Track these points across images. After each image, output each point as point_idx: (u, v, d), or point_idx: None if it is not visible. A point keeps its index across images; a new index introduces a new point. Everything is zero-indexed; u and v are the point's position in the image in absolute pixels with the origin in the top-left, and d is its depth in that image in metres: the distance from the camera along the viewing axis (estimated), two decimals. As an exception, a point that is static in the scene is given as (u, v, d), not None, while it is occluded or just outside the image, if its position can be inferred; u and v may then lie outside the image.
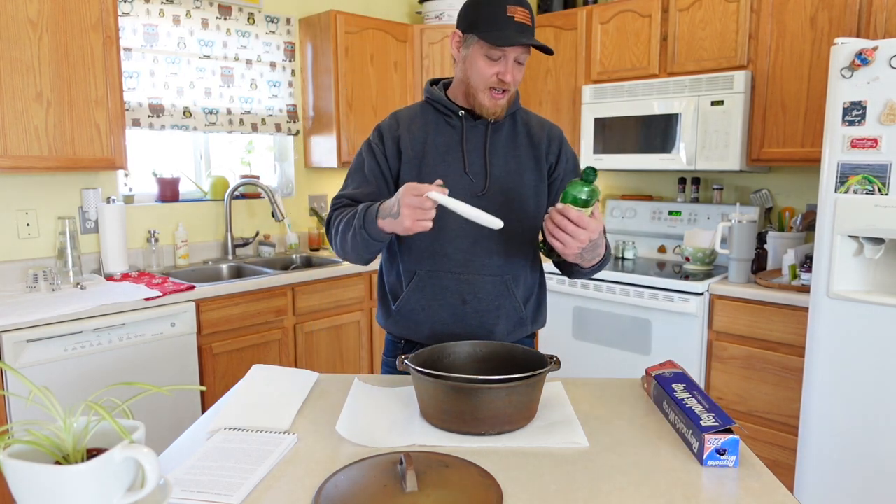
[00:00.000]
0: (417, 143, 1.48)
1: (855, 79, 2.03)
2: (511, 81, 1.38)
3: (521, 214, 1.46)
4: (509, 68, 1.38)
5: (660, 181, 3.44)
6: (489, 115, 1.43)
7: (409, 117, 1.51)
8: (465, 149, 1.47)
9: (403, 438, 1.07)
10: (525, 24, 1.35)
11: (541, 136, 1.51)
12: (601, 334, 2.93)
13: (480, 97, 1.41)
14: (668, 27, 2.93)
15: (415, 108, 1.54)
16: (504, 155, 1.48)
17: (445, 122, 1.49)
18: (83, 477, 0.68)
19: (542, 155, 1.50)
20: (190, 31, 2.93)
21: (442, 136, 1.48)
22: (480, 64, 1.38)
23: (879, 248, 2.05)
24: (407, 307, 1.49)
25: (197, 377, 2.45)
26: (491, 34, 1.34)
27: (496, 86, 1.39)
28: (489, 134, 1.47)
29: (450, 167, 1.45)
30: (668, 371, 1.26)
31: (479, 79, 1.39)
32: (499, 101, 1.42)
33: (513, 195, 1.46)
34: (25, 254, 2.56)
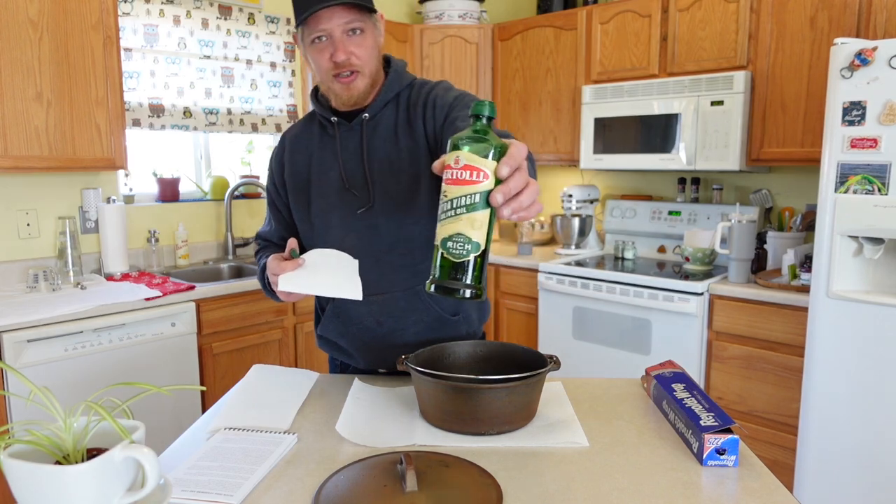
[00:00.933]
0: (302, 165, 1.36)
1: (855, 79, 2.03)
2: (347, 57, 1.21)
3: (418, 214, 1.29)
4: (339, 44, 1.20)
5: (660, 181, 3.45)
6: (349, 104, 1.27)
7: (295, 137, 1.40)
8: (342, 161, 1.31)
9: (403, 438, 1.07)
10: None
11: (416, 108, 1.30)
12: (601, 334, 2.93)
13: (333, 88, 1.26)
14: (667, 27, 2.93)
15: (300, 124, 1.42)
16: (387, 154, 1.30)
17: (326, 133, 1.36)
18: (83, 477, 0.68)
19: (419, 132, 1.29)
20: (190, 32, 2.93)
21: (324, 151, 1.35)
22: (313, 54, 1.24)
23: (879, 248, 2.05)
24: (327, 334, 1.43)
25: (197, 377, 2.45)
26: (298, 17, 1.21)
27: (336, 70, 1.23)
28: (366, 135, 1.31)
29: (332, 185, 1.32)
30: (668, 371, 1.26)
31: (319, 70, 1.26)
32: (351, 84, 1.24)
33: (404, 197, 1.28)
34: (26, 254, 2.56)
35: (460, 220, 0.79)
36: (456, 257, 0.80)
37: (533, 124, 3.49)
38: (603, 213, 3.58)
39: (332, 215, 1.33)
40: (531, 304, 3.21)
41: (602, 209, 3.63)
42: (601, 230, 3.60)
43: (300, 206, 1.38)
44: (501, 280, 3.34)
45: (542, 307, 3.12)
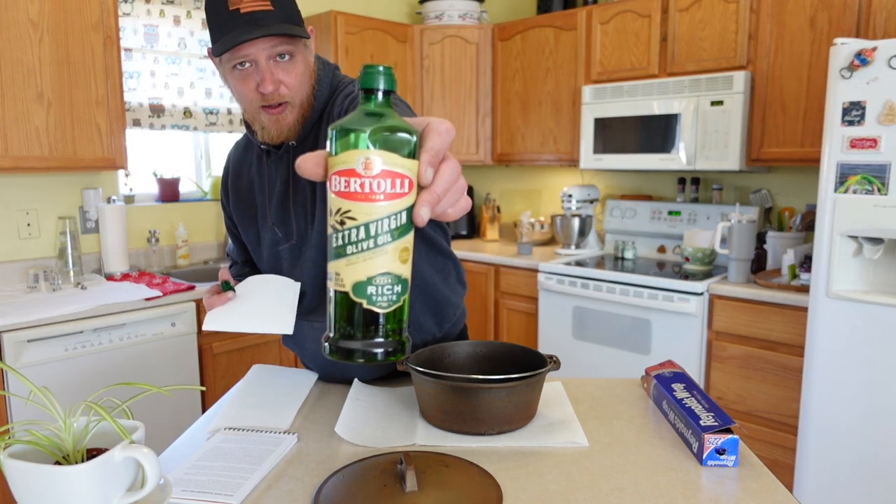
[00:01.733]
0: (245, 188, 1.27)
1: (854, 79, 2.03)
2: (276, 88, 1.07)
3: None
4: (266, 73, 1.06)
5: (659, 181, 3.45)
6: (277, 138, 1.13)
7: (237, 161, 1.30)
8: (268, 194, 1.21)
9: (403, 438, 1.08)
10: (258, 13, 1.03)
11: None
12: (601, 334, 2.93)
13: (260, 120, 1.12)
14: (667, 27, 2.93)
15: (242, 145, 1.31)
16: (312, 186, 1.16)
17: (261, 160, 1.24)
18: (83, 477, 0.69)
19: None
20: (190, 32, 2.93)
21: (254, 181, 1.26)
22: (235, 83, 1.09)
23: (878, 248, 2.05)
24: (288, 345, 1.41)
25: (197, 377, 2.45)
26: (217, 43, 1.05)
27: (264, 102, 1.09)
28: (290, 165, 1.18)
29: (257, 218, 1.26)
30: (668, 371, 1.26)
31: (242, 100, 1.11)
32: (280, 116, 1.10)
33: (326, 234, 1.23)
34: (26, 254, 2.56)
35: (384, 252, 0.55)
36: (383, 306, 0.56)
37: (533, 124, 3.49)
38: (603, 213, 3.58)
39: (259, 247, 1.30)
40: (531, 304, 3.21)
41: (602, 209, 3.63)
42: (601, 230, 3.60)
43: (248, 235, 1.30)
44: (501, 280, 3.34)
45: (542, 307, 3.12)
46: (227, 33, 1.04)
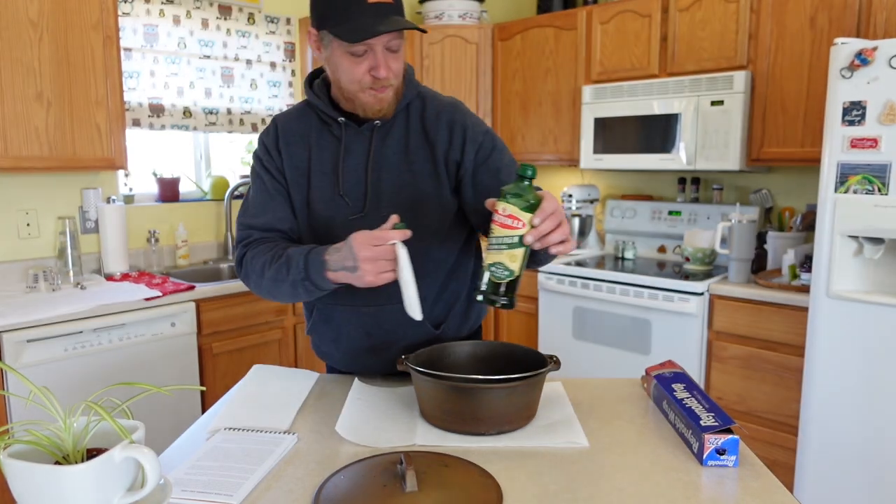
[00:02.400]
0: (301, 159, 1.29)
1: (855, 79, 2.03)
2: (388, 75, 1.17)
3: (422, 233, 1.24)
4: (381, 61, 1.16)
5: (660, 181, 3.45)
6: (375, 114, 1.22)
7: (290, 127, 1.31)
8: (343, 164, 1.27)
9: (403, 438, 1.07)
10: (383, 5, 1.12)
11: (437, 129, 1.28)
12: (601, 334, 2.93)
13: (360, 98, 1.20)
14: (667, 27, 2.93)
15: (295, 114, 1.33)
16: (395, 165, 1.26)
17: (328, 131, 1.29)
18: (83, 477, 0.68)
19: (440, 157, 1.27)
20: (190, 32, 2.93)
21: (325, 150, 1.28)
22: (346, 64, 1.17)
23: (879, 248, 2.05)
24: (316, 338, 1.40)
25: (197, 377, 2.45)
26: (343, 28, 1.12)
27: (372, 85, 1.18)
28: (374, 142, 1.26)
29: (332, 187, 1.28)
30: (668, 371, 1.26)
31: (350, 80, 1.18)
32: (381, 96, 1.20)
33: (403, 211, 1.24)
34: (26, 254, 2.56)
35: (502, 253, 1.03)
36: (497, 279, 1.04)
37: (533, 124, 3.49)
38: (603, 213, 3.58)
39: (329, 220, 1.29)
40: (531, 304, 3.21)
41: (602, 209, 3.63)
42: (601, 230, 3.60)
43: (300, 204, 1.31)
44: (501, 280, 3.33)
45: (542, 307, 3.12)
46: (354, 20, 1.11)
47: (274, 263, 1.20)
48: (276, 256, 1.21)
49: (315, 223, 1.31)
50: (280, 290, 1.21)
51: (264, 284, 1.24)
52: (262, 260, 1.23)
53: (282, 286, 1.20)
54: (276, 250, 1.23)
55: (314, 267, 1.13)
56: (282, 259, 1.19)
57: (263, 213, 1.31)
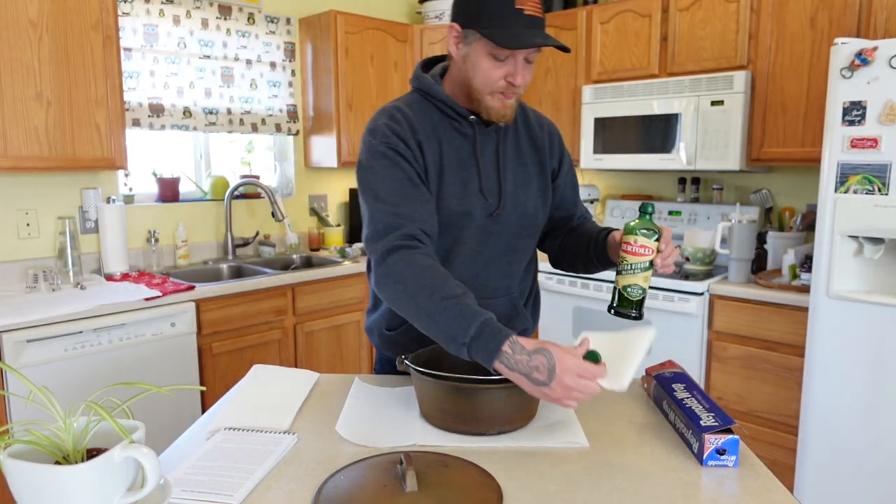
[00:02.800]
0: (433, 154, 1.27)
1: (855, 79, 2.03)
2: (522, 84, 1.22)
3: (531, 230, 1.36)
4: (519, 69, 1.20)
5: (660, 181, 3.44)
6: (498, 119, 1.26)
7: (419, 119, 1.27)
8: (480, 163, 1.30)
9: (403, 438, 1.07)
10: (536, 18, 1.16)
11: (542, 137, 1.39)
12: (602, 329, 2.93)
13: (487, 100, 1.23)
14: (667, 27, 2.93)
15: (415, 106, 1.29)
16: (513, 166, 1.34)
17: (454, 128, 1.29)
18: (83, 477, 0.68)
19: (546, 159, 1.38)
20: (190, 31, 2.93)
21: (454, 146, 1.28)
22: (485, 65, 1.20)
23: (879, 248, 2.05)
24: (411, 334, 1.34)
25: (197, 377, 2.45)
26: (497, 32, 1.15)
27: (505, 90, 1.22)
28: (500, 142, 1.32)
29: (467, 186, 1.28)
30: (668, 371, 1.26)
31: (485, 81, 1.21)
32: (508, 102, 1.24)
33: (523, 209, 1.33)
34: (25, 254, 2.56)
35: (637, 276, 1.19)
36: (633, 297, 1.20)
37: (533, 124, 3.49)
38: (603, 212, 3.58)
39: (462, 216, 1.28)
40: (531, 304, 3.21)
41: (602, 209, 3.63)
42: (601, 230, 3.60)
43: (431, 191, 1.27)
44: (501, 280, 3.34)
45: (542, 307, 3.12)
46: (510, 28, 1.15)
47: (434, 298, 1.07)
48: (437, 290, 1.08)
49: (445, 219, 1.27)
50: (423, 322, 1.09)
51: (409, 304, 1.10)
52: (420, 281, 1.10)
53: (429, 323, 1.08)
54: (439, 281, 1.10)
55: (485, 346, 1.01)
56: (446, 302, 1.06)
57: (408, 202, 1.20)
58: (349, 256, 3.20)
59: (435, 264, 1.14)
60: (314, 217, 3.54)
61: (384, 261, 1.15)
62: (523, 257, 1.39)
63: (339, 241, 3.45)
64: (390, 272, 1.13)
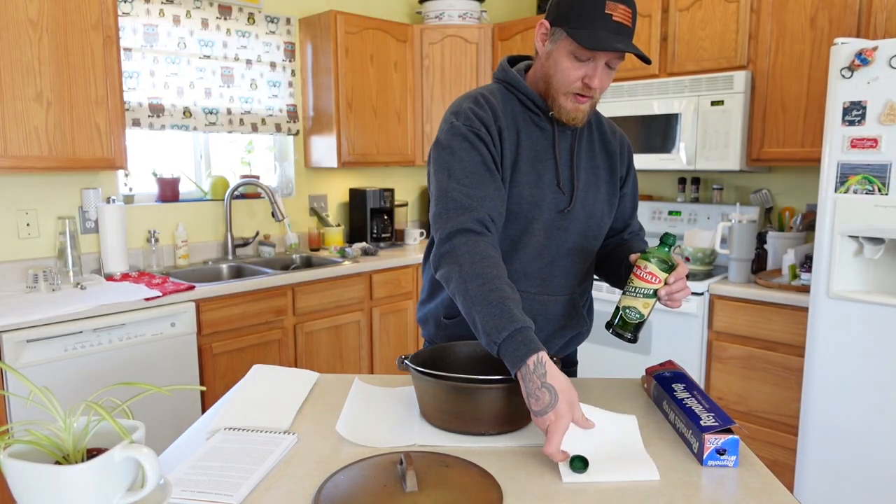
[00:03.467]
0: (511, 143, 1.29)
1: (855, 79, 2.03)
2: (598, 87, 1.22)
3: (597, 232, 1.37)
4: (598, 72, 1.21)
5: (660, 181, 3.44)
6: (568, 120, 1.27)
7: (501, 108, 1.29)
8: (558, 157, 1.31)
9: (403, 438, 1.07)
10: (624, 25, 1.17)
11: (615, 144, 1.40)
12: (601, 334, 2.93)
13: (561, 100, 1.25)
14: (667, 27, 2.93)
15: (498, 96, 1.31)
16: (585, 166, 1.35)
17: (533, 120, 1.31)
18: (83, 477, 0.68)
19: (616, 166, 1.39)
20: (190, 31, 2.93)
21: (532, 138, 1.30)
22: (565, 64, 1.22)
23: (879, 248, 2.05)
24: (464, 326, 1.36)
25: (197, 377, 2.45)
26: (581, 32, 1.16)
27: (581, 91, 1.23)
28: (576, 142, 1.33)
29: (541, 178, 1.30)
30: (668, 371, 1.26)
31: (563, 80, 1.23)
32: (581, 106, 1.25)
33: (591, 210, 1.35)
34: (25, 254, 2.56)
35: (637, 300, 1.20)
36: (629, 319, 1.21)
37: (533, 124, 3.49)
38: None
39: (533, 208, 1.30)
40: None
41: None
42: (601, 230, 3.60)
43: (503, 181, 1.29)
44: (501, 280, 3.33)
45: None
46: (596, 30, 1.16)
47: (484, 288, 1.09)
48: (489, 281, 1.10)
49: (516, 207, 1.29)
50: (465, 307, 1.12)
51: (456, 284, 1.13)
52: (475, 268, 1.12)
53: (473, 311, 1.10)
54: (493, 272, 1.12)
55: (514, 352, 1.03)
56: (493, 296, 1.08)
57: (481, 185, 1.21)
58: (349, 256, 3.20)
59: (496, 256, 1.16)
60: (314, 217, 3.54)
61: (450, 240, 1.18)
62: (587, 259, 1.39)
63: (339, 241, 3.45)
64: (453, 251, 1.16)
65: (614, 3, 1.15)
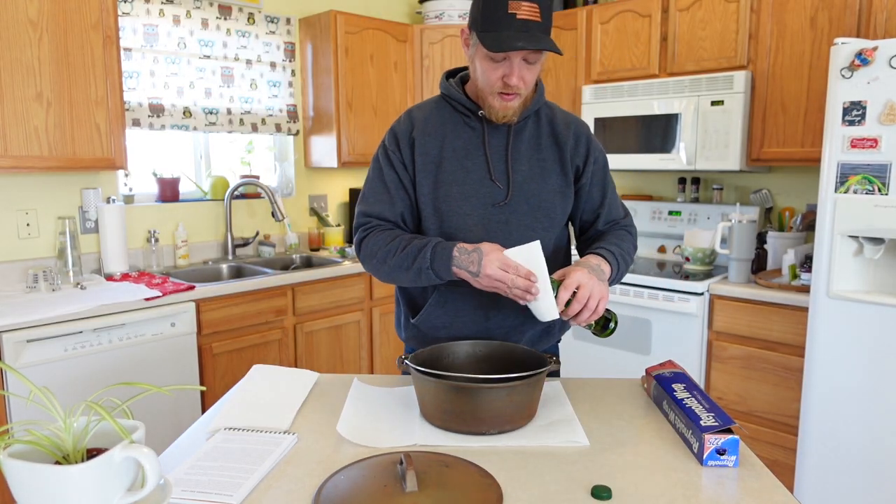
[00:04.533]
0: (434, 147, 1.36)
1: (855, 79, 2.03)
2: (518, 84, 1.26)
3: (546, 223, 1.38)
4: (515, 71, 1.24)
5: (660, 181, 3.44)
6: (499, 119, 1.32)
7: (425, 117, 1.39)
8: (489, 153, 1.36)
9: (403, 438, 1.07)
10: (530, 22, 1.20)
11: (566, 135, 1.40)
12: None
13: (489, 100, 1.30)
14: (667, 27, 2.93)
15: (430, 106, 1.41)
16: (528, 159, 1.37)
17: (464, 122, 1.38)
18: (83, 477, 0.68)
19: (567, 158, 1.39)
20: (190, 31, 2.93)
21: (460, 139, 1.37)
22: (484, 66, 1.27)
23: (879, 248, 2.05)
24: (427, 323, 1.40)
25: (197, 377, 2.45)
26: (487, 35, 1.21)
27: (503, 90, 1.27)
28: (511, 136, 1.37)
29: (469, 174, 1.35)
30: (668, 371, 1.26)
31: (485, 82, 1.28)
32: (509, 104, 1.29)
33: (536, 202, 1.36)
34: (25, 254, 2.56)
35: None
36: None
37: (533, 124, 3.49)
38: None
39: (464, 203, 1.34)
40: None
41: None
42: (601, 230, 3.60)
43: (427, 189, 1.36)
44: (501, 280, 3.33)
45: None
46: (500, 32, 1.20)
47: (399, 253, 1.29)
48: (399, 247, 1.30)
49: (445, 206, 1.36)
50: (402, 276, 1.31)
51: (385, 270, 1.33)
52: (385, 248, 1.32)
53: (405, 273, 1.29)
54: (398, 241, 1.31)
55: (441, 258, 1.24)
56: (407, 249, 1.28)
57: (378, 203, 1.38)
58: (349, 256, 3.20)
59: (392, 231, 1.35)
60: (314, 217, 3.54)
61: (360, 251, 1.38)
62: (547, 253, 1.39)
63: (339, 241, 3.45)
64: (366, 255, 1.36)
65: (517, 1, 1.19)
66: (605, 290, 1.22)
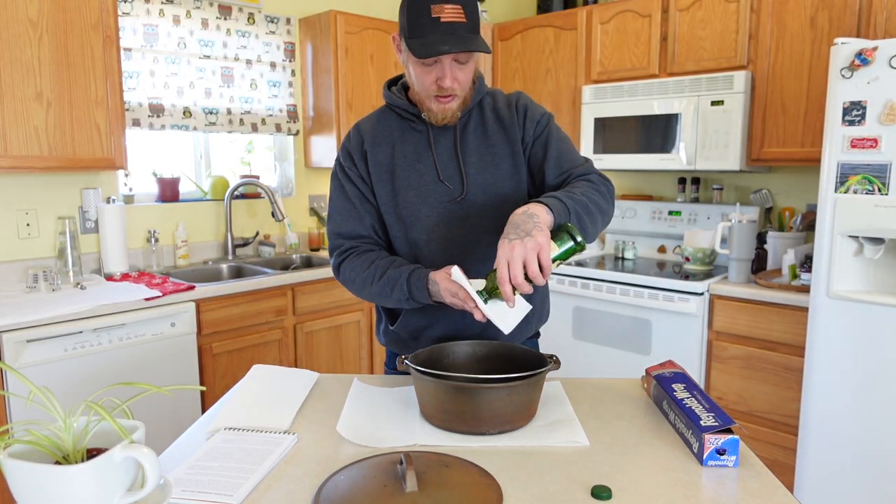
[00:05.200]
0: (385, 156, 1.38)
1: (855, 79, 2.03)
2: (452, 86, 1.26)
3: (507, 208, 1.35)
4: (447, 72, 1.25)
5: (660, 181, 3.44)
6: (439, 122, 1.33)
7: (372, 128, 1.41)
8: (436, 154, 1.37)
9: (403, 438, 1.07)
10: (456, 24, 1.19)
11: (509, 115, 1.39)
12: (601, 334, 2.93)
13: (427, 104, 1.31)
14: (667, 27, 2.93)
15: (376, 117, 1.44)
16: (477, 151, 1.38)
17: (410, 127, 1.39)
18: (83, 477, 0.68)
19: (514, 135, 1.38)
20: (190, 31, 2.93)
21: (409, 144, 1.38)
22: (416, 71, 1.27)
23: (879, 248, 2.05)
24: (407, 328, 1.43)
25: (197, 377, 2.45)
26: (414, 41, 1.21)
27: (439, 93, 1.28)
28: (458, 132, 1.37)
29: (422, 176, 1.36)
30: (668, 371, 1.26)
31: (420, 87, 1.29)
32: (447, 105, 1.30)
33: (493, 191, 1.37)
34: (25, 254, 2.56)
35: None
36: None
37: (533, 124, 3.49)
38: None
39: (422, 206, 1.36)
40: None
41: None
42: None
43: (385, 198, 1.39)
44: (501, 280, 3.33)
45: (542, 307, 3.12)
46: (426, 37, 1.20)
47: (376, 282, 1.32)
48: (375, 276, 1.32)
49: (406, 212, 1.38)
50: (385, 301, 1.34)
51: (366, 295, 1.37)
52: (362, 276, 1.34)
53: (388, 300, 1.33)
54: (373, 268, 1.33)
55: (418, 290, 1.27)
56: (383, 279, 1.31)
57: (347, 221, 1.41)
58: (349, 256, 3.19)
59: (372, 254, 1.37)
60: (314, 217, 3.54)
61: (338, 275, 1.41)
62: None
63: (339, 241, 3.45)
64: (345, 280, 1.39)
65: (439, 5, 1.18)
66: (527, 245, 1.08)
